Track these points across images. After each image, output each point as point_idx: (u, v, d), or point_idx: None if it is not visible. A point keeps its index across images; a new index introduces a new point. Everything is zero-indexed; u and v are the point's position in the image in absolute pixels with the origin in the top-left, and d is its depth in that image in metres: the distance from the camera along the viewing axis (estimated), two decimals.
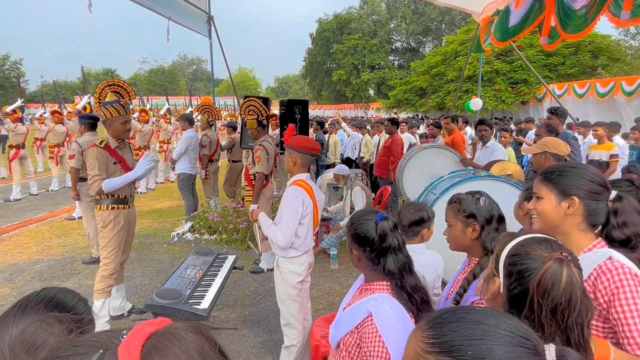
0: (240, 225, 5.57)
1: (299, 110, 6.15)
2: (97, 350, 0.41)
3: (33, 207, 7.80)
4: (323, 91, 40.66)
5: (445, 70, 20.64)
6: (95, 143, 3.23)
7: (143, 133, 8.82)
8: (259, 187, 4.36)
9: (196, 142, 6.14)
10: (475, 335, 0.58)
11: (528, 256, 0.95)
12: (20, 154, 8.35)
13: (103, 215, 3.25)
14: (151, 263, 4.92)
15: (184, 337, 0.43)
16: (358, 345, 1.33)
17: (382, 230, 1.37)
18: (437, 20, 36.08)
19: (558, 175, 1.31)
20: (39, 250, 5.34)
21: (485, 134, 4.67)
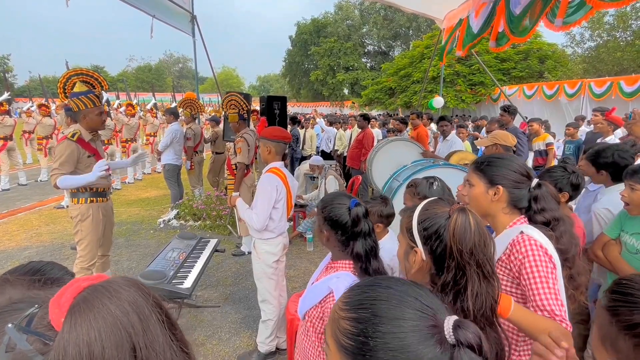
0: (223, 212, 5.50)
1: (278, 106, 6.09)
2: (34, 305, 0.40)
3: (22, 196, 7.44)
4: (302, 90, 40.36)
5: (412, 72, 20.84)
6: (67, 136, 2.85)
7: (130, 126, 8.53)
8: (240, 176, 4.31)
9: (181, 135, 5.99)
10: (381, 297, 0.59)
11: (436, 216, 1.00)
12: (8, 146, 7.92)
13: (81, 209, 2.96)
14: (138, 248, 4.79)
15: (117, 290, 0.40)
16: (321, 319, 1.34)
17: (355, 215, 1.36)
18: (405, 26, 36.31)
19: (487, 165, 1.37)
20: (27, 238, 5.12)
21: (446, 129, 4.77)
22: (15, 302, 0.42)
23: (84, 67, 3.02)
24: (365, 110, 23.11)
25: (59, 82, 2.86)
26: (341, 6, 37.25)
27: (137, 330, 0.38)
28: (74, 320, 0.37)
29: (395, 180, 2.81)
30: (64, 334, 0.36)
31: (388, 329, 0.55)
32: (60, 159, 2.78)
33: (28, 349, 0.36)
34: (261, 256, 2.57)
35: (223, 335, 3.06)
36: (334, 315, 0.61)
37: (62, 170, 2.79)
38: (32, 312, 0.39)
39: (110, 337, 0.37)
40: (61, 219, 5.93)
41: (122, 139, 8.78)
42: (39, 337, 0.37)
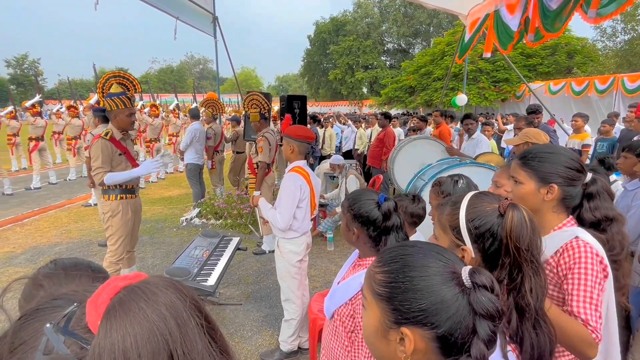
0: (244, 211, 5.55)
1: (298, 105, 6.11)
2: (73, 303, 0.39)
3: (52, 195, 7.75)
4: (320, 89, 40.40)
5: (433, 70, 20.50)
6: (101, 135, 3.03)
7: (153, 127, 8.74)
8: (261, 175, 4.33)
9: (201, 134, 6.07)
10: (409, 252, 0.69)
11: (486, 214, 0.96)
12: (39, 146, 8.26)
13: (112, 205, 3.10)
14: (162, 245, 4.90)
15: (154, 292, 0.39)
16: (352, 316, 1.32)
17: (386, 210, 1.34)
18: (425, 23, 35.76)
19: (538, 160, 1.26)
20: (58, 234, 5.31)
21: (471, 127, 4.66)
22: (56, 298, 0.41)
23: (121, 70, 3.16)
24: (384, 109, 22.89)
25: (99, 82, 3.02)
26: (360, 4, 37.03)
27: (174, 336, 0.37)
28: (110, 325, 0.35)
29: (420, 179, 2.75)
30: (99, 339, 0.35)
31: (415, 273, 0.65)
32: (100, 157, 2.93)
33: (66, 354, 0.34)
34: (285, 255, 2.57)
35: (245, 333, 3.08)
36: (370, 273, 0.72)
37: (105, 167, 2.95)
38: (71, 311, 0.37)
39: (147, 345, 0.35)
40: (89, 217, 6.14)
41: (146, 139, 9.02)
42: (76, 340, 0.36)
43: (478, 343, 0.61)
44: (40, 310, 0.39)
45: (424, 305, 0.63)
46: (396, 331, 0.65)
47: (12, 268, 4.20)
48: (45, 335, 0.35)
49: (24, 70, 54.22)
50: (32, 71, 53.79)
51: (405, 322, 0.64)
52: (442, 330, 0.62)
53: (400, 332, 0.65)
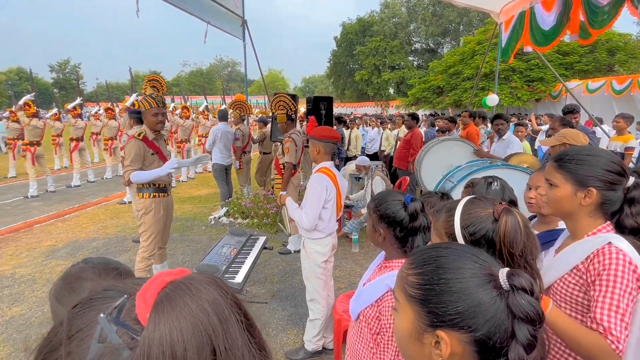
0: (270, 210, 5.63)
1: (324, 106, 6.14)
2: (123, 295, 0.41)
3: (90, 192, 8.16)
4: (346, 90, 40.32)
5: (462, 69, 19.99)
6: (134, 135, 3.17)
7: (184, 128, 9.03)
8: (287, 175, 4.38)
9: (224, 135, 6.21)
10: (443, 254, 0.68)
11: (481, 220, 0.95)
12: (79, 146, 8.71)
13: (145, 203, 3.23)
14: (191, 243, 5.05)
15: (198, 288, 0.40)
16: (377, 318, 1.32)
17: (413, 210, 1.33)
18: (455, 22, 34.93)
19: (576, 163, 1.19)
20: (95, 230, 5.59)
21: (502, 127, 4.51)
22: (107, 289, 0.43)
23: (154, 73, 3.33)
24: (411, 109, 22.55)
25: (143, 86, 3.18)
26: (387, 4, 36.68)
27: (217, 332, 0.38)
28: (158, 318, 0.37)
29: (448, 181, 2.70)
30: (149, 332, 0.36)
31: (450, 275, 0.64)
32: (130, 156, 3.07)
33: (118, 343, 0.36)
34: (310, 256, 2.59)
35: (270, 331, 3.13)
36: (402, 275, 0.72)
37: (133, 166, 3.07)
38: (121, 303, 0.39)
39: (192, 339, 0.37)
40: (124, 214, 6.42)
41: (177, 139, 9.32)
42: (127, 331, 0.37)
43: (517, 347, 0.60)
44: (93, 300, 0.41)
45: (461, 308, 0.62)
46: (431, 334, 0.64)
47: (54, 261, 4.46)
48: (100, 324, 0.37)
49: (66, 74, 57.49)
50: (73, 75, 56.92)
51: (441, 325, 0.63)
52: (480, 333, 0.61)
53: (435, 335, 0.64)
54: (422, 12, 36.18)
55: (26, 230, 5.59)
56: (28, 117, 7.53)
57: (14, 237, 5.27)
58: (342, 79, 40.14)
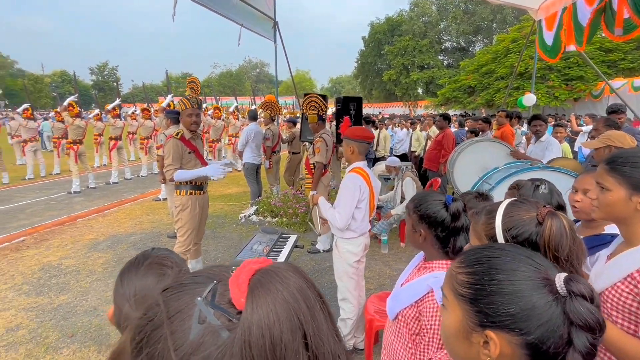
0: (299, 210, 5.69)
1: (354, 107, 6.14)
2: (212, 280, 0.43)
3: (127, 189, 8.55)
4: (374, 90, 40.03)
5: (495, 68, 19.36)
6: (172, 135, 3.31)
7: (216, 128, 9.28)
8: (318, 175, 4.42)
9: (256, 135, 6.33)
10: (496, 254, 0.67)
11: (524, 223, 0.93)
12: (118, 145, 9.15)
13: (182, 200, 3.35)
14: (223, 240, 5.19)
15: (285, 276, 0.42)
16: (417, 319, 1.31)
17: (455, 210, 1.32)
18: (488, 19, 33.89)
19: (631, 166, 1.14)
20: (132, 225, 5.85)
21: (540, 129, 4.34)
22: (196, 275, 0.45)
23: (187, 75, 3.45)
24: (441, 110, 22.08)
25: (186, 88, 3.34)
26: (417, 3, 36.10)
27: (306, 317, 0.40)
28: (255, 302, 0.39)
29: (485, 183, 2.63)
30: (247, 314, 0.39)
31: (503, 277, 0.63)
32: (170, 155, 3.20)
33: (217, 324, 0.38)
34: (343, 255, 2.60)
35: None
36: (451, 273, 0.72)
37: (174, 165, 3.21)
38: (213, 288, 0.41)
39: (287, 322, 0.39)
40: (158, 210, 6.68)
41: (209, 139, 9.59)
42: (224, 314, 0.39)
43: (574, 355, 0.58)
44: (184, 284, 0.44)
45: (512, 310, 0.61)
46: (480, 334, 0.64)
47: (96, 253, 4.71)
48: (197, 307, 0.40)
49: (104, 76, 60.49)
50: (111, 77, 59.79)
51: (491, 326, 0.63)
52: (533, 337, 0.60)
53: (484, 334, 0.64)
54: (453, 10, 35.36)
55: (70, 223, 5.93)
56: (72, 117, 7.96)
57: (59, 230, 5.61)
58: (369, 79, 39.90)
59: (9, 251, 4.77)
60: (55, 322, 3.22)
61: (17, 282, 3.92)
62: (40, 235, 5.35)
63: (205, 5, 4.99)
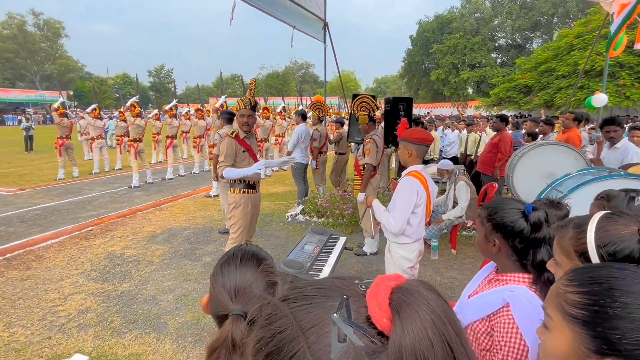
0: (346, 211, 5.66)
1: (403, 107, 6.01)
2: (340, 295, 0.40)
3: (181, 185, 9.01)
4: (420, 90, 39.04)
5: (556, 66, 18.04)
6: (228, 134, 3.47)
7: (264, 128, 9.50)
8: (367, 177, 4.37)
9: (306, 135, 6.39)
10: (616, 274, 0.61)
11: (622, 238, 0.83)
12: (173, 143, 9.68)
13: (235, 197, 3.49)
14: (270, 238, 5.30)
15: (428, 296, 0.39)
16: (489, 334, 1.23)
17: (536, 220, 1.22)
18: (548, 13, 31.66)
19: None
20: (186, 220, 6.15)
21: (614, 135, 3.94)
22: (321, 286, 0.43)
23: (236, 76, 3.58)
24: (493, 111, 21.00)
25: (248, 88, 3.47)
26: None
27: (457, 344, 0.37)
28: (404, 324, 0.36)
29: (555, 190, 2.44)
30: (397, 337, 0.35)
31: (631, 300, 0.58)
32: (224, 153, 3.35)
33: (360, 345, 0.35)
34: (396, 261, 2.54)
35: None
36: (558, 291, 0.67)
37: (226, 162, 3.36)
38: (346, 303, 0.38)
39: (439, 348, 0.35)
40: (210, 206, 6.97)
41: (257, 139, 9.87)
42: (364, 333, 0.37)
43: None
44: (310, 297, 0.41)
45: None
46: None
47: (154, 245, 5.00)
48: (335, 324, 0.37)
49: (161, 78, 64.52)
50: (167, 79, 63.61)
51: (613, 354, 0.57)
52: None
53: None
54: (509, 5, 33.49)
55: (131, 216, 6.36)
56: (133, 117, 8.55)
57: (122, 222, 6.03)
58: (416, 79, 38.97)
59: (79, 239, 5.21)
60: (119, 307, 3.46)
61: (86, 269, 4.26)
62: (106, 226, 5.79)
63: (260, 8, 5.12)
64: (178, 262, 4.44)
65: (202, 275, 4.09)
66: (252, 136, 3.65)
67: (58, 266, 4.35)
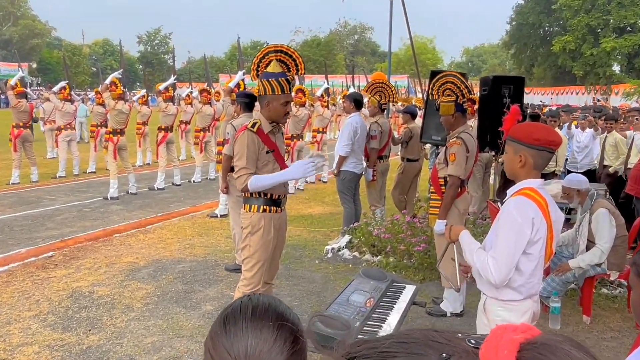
0: (416, 247, 5.58)
1: (509, 92, 5.91)
2: (437, 353, 0.42)
3: (176, 198, 9.38)
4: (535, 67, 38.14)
5: None
6: (247, 125, 3.44)
7: (298, 119, 9.65)
8: (451, 195, 4.30)
9: (361, 131, 6.40)
10: None
11: None
12: (167, 138, 10.13)
13: (252, 219, 3.47)
14: (300, 281, 5.34)
15: (572, 354, 0.41)
16: None
17: None
18: None
19: None
20: (181, 249, 6.37)
21: None
22: (411, 341, 0.45)
23: (285, 45, 3.58)
24: None
25: (255, 57, 3.50)
26: None
27: None
28: None
29: None
30: None
31: None
32: (244, 155, 3.36)
33: None
34: (494, 326, 2.45)
35: None
36: None
37: (250, 168, 3.36)
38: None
39: None
40: (214, 231, 7.18)
41: (286, 134, 10.06)
42: None
43: None
44: (390, 356, 0.43)
45: None
46: None
47: (134, 282, 5.21)
48: None
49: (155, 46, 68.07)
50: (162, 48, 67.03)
51: None
52: None
53: None
54: None
55: (105, 239, 6.70)
56: (114, 100, 9.00)
57: (92, 247, 6.36)
58: (529, 50, 38.29)
59: (35, 268, 5.55)
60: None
61: (42, 310, 4.52)
62: (71, 252, 6.14)
63: None
64: (167, 310, 4.57)
65: (200, 330, 4.18)
66: (280, 131, 3.70)
67: (5, 304, 4.64)
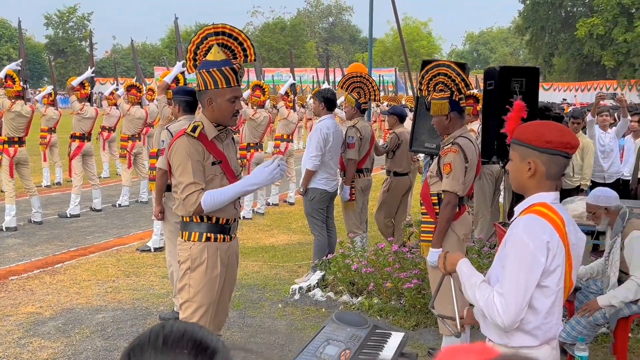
0: (406, 284, 5.61)
1: (520, 86, 6.04)
2: None
3: (95, 228, 9.25)
4: (555, 56, 39.15)
5: None
6: (186, 130, 3.40)
7: (256, 123, 9.64)
8: (446, 216, 4.34)
9: (335, 137, 6.44)
10: None
11: None
12: (84, 149, 9.96)
13: (192, 251, 3.41)
14: (258, 331, 5.30)
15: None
16: None
17: None
18: None
19: None
20: (101, 293, 6.26)
21: None
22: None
23: (227, 24, 3.54)
24: None
25: (191, 42, 3.46)
26: None
27: None
28: None
29: None
30: None
31: None
32: (188, 166, 3.32)
33: None
34: None
35: None
36: None
37: (200, 182, 3.32)
38: None
39: None
40: (146, 269, 7.09)
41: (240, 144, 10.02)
42: None
43: None
44: None
45: None
46: None
47: (36, 340, 5.09)
48: None
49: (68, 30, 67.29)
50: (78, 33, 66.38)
51: None
52: None
53: None
54: None
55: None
56: (10, 99, 8.82)
57: None
58: (546, 36, 39.25)
59: None
60: None
61: None
62: None
63: None
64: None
65: None
66: (229, 136, 3.68)
67: None
